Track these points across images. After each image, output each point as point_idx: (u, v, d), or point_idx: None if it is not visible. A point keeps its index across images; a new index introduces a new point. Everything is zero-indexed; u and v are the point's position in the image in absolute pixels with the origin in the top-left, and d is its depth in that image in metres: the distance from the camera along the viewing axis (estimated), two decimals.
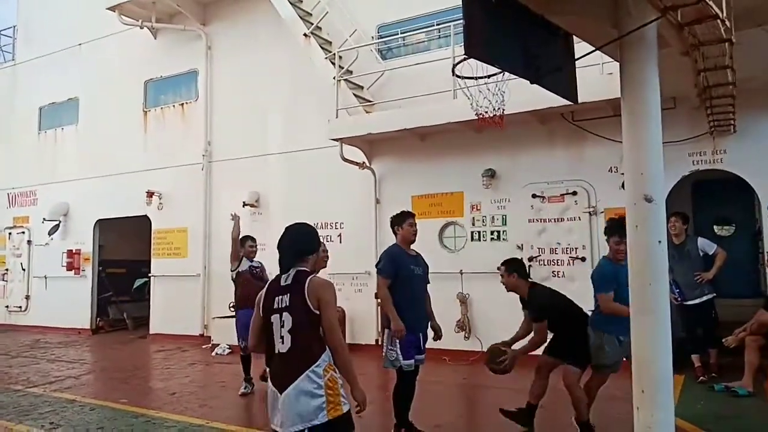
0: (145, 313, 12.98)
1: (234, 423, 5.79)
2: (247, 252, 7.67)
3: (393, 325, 5.12)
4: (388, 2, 10.26)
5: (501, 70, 4.04)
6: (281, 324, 3.18)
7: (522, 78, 3.91)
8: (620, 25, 3.66)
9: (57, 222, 14.08)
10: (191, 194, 12.11)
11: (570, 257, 8.34)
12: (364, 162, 9.96)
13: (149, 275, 12.82)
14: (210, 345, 10.63)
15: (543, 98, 5.54)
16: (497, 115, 4.62)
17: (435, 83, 8.48)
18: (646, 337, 3.60)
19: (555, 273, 8.40)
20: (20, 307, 14.81)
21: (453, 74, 4.52)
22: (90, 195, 13.70)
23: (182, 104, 12.73)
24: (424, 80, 8.84)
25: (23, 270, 14.86)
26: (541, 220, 8.57)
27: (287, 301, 3.20)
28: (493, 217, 8.98)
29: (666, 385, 3.56)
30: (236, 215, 7.79)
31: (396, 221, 5.58)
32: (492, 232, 8.96)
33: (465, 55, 3.55)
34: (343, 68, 9.68)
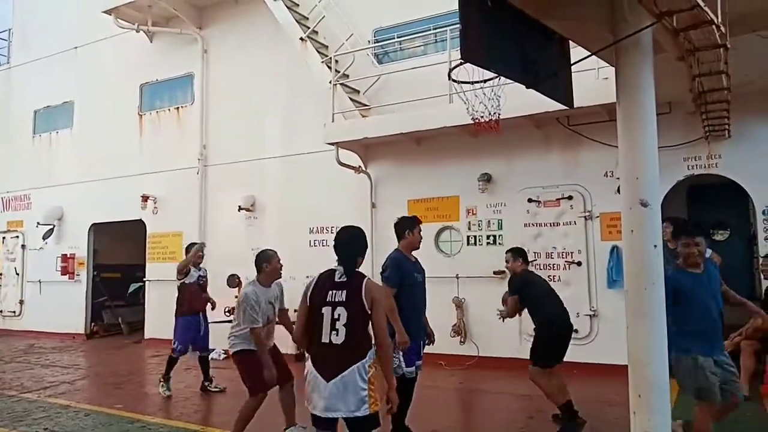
0: (140, 318, 12.91)
1: (230, 428, 5.75)
2: (192, 257, 7.99)
3: (399, 337, 4.95)
4: (385, 6, 10.27)
5: (497, 75, 4.05)
6: (335, 317, 3.47)
7: (518, 83, 3.93)
8: (616, 30, 3.68)
9: (51, 226, 14.01)
10: (186, 198, 12.08)
11: (566, 261, 8.34)
12: (360, 166, 9.95)
13: (144, 280, 12.76)
14: None
15: (539, 103, 5.55)
16: (493, 120, 4.63)
17: (431, 88, 8.49)
18: (642, 341, 3.61)
19: (551, 277, 8.37)
20: (14, 312, 14.71)
21: (449, 78, 4.53)
22: (85, 199, 13.65)
23: (178, 108, 12.70)
24: (420, 84, 8.84)
25: (17, 274, 14.76)
26: (537, 225, 8.58)
27: (343, 297, 3.51)
28: (489, 222, 8.98)
29: (662, 390, 3.57)
30: (203, 244, 8.48)
31: (407, 225, 5.50)
32: (488, 237, 8.96)
33: (461, 60, 3.57)
34: (340, 72, 9.68)
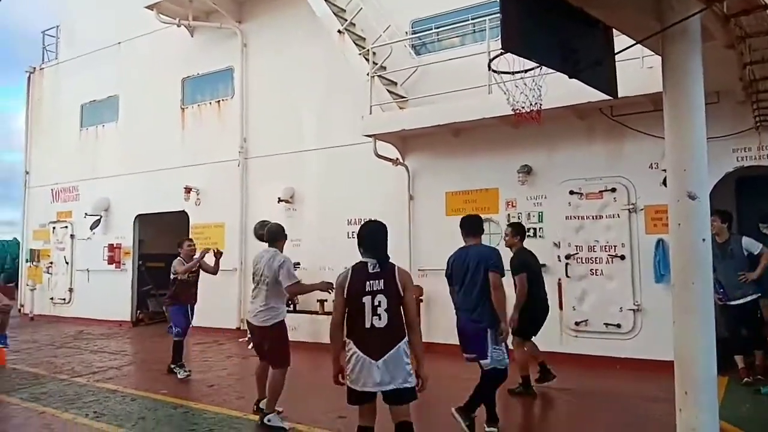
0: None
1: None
2: (186, 252, 8.44)
3: (504, 326, 5.37)
4: None
5: (538, 65, 3.98)
6: (376, 304, 3.87)
7: (560, 72, 3.85)
8: (662, 18, 3.57)
9: (98, 217, 14.46)
10: (228, 190, 12.29)
11: (609, 255, 8.18)
12: (398, 158, 9.94)
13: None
14: (246, 338, 10.75)
15: (581, 93, 5.44)
16: (534, 111, 4.55)
17: (469, 78, 8.40)
18: (689, 337, 3.52)
19: (593, 271, 8.26)
20: (64, 299, 15.26)
21: (489, 69, 4.47)
22: (130, 191, 14.04)
23: (218, 101, 12.91)
24: (459, 75, 8.77)
25: (67, 263, 15.29)
26: (579, 217, 8.43)
27: (381, 285, 3.90)
28: (529, 214, 8.86)
29: (710, 387, 3.48)
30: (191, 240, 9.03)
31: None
32: (528, 229, 8.82)
33: (502, 50, 3.52)
34: (377, 64, 9.67)
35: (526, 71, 4.21)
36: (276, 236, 5.96)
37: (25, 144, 17.24)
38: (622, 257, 8.08)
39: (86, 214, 14.55)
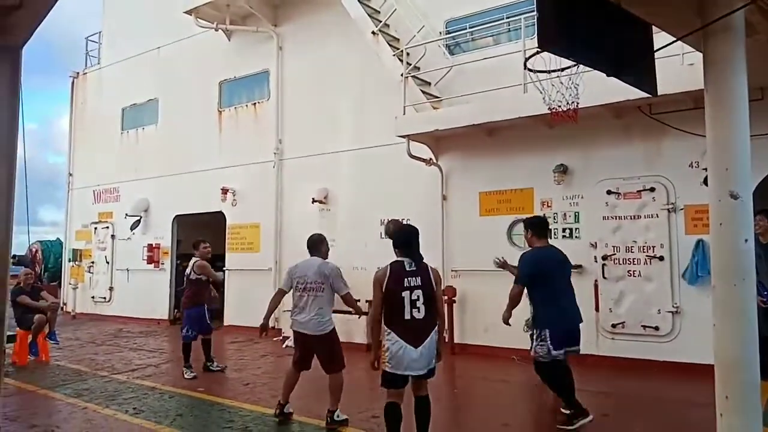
0: (220, 306, 13.43)
1: (305, 414, 5.92)
2: (203, 253, 8.53)
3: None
4: None
5: (575, 63, 3.94)
6: (415, 298, 4.44)
7: (598, 71, 3.80)
8: (704, 13, 3.49)
9: (138, 217, 14.83)
10: (263, 191, 12.46)
11: (647, 256, 8.02)
12: (431, 158, 9.93)
13: (224, 269, 13.26)
14: (281, 337, 10.89)
15: (618, 91, 5.37)
16: (571, 109, 4.50)
17: (504, 78, 8.36)
18: (731, 341, 3.44)
19: (630, 272, 8.10)
20: (104, 298, 15.68)
21: (525, 68, 4.45)
22: (169, 192, 14.36)
23: (254, 104, 13.10)
24: (493, 75, 8.72)
25: (107, 263, 15.72)
26: (617, 218, 8.28)
27: (419, 281, 4.49)
28: (565, 214, 8.75)
29: (753, 392, 3.39)
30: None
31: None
32: (564, 230, 8.74)
33: (538, 49, 3.49)
34: (411, 65, 9.68)
35: (563, 70, 4.17)
36: (316, 244, 5.96)
37: (69, 146, 17.77)
38: (661, 258, 7.91)
39: (126, 215, 14.93)
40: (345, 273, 5.95)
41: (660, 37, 4.14)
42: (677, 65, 6.70)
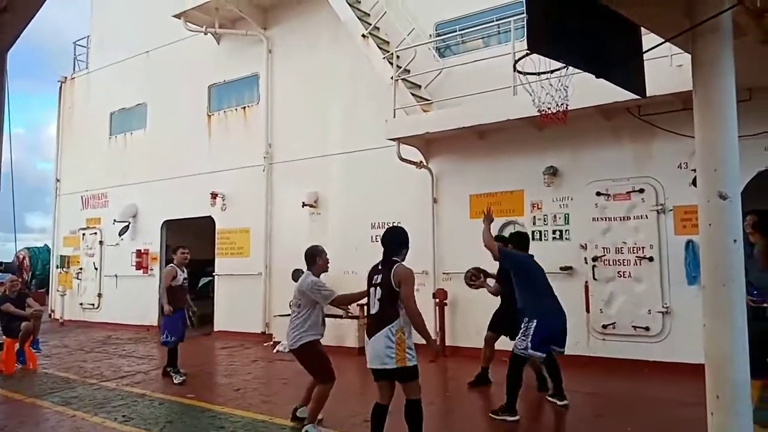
0: (210, 311, 13.35)
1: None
2: (180, 259, 8.48)
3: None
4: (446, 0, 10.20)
5: (565, 65, 3.95)
6: (377, 294, 4.59)
7: (587, 72, 3.80)
8: (692, 15, 3.51)
9: (127, 223, 14.70)
10: (253, 195, 12.41)
11: (637, 257, 8.06)
12: (422, 161, 9.93)
13: (213, 274, 13.20)
14: (271, 342, 10.85)
15: (608, 93, 5.38)
16: (560, 111, 4.51)
17: (494, 80, 8.38)
18: (721, 340, 3.44)
19: (621, 273, 8.14)
20: (93, 305, 15.54)
21: (514, 70, 4.47)
22: (157, 197, 14.26)
23: (244, 107, 13.05)
24: (483, 77, 8.75)
25: (96, 269, 15.57)
26: (606, 219, 8.32)
27: (380, 279, 4.60)
28: (555, 216, 8.78)
29: (742, 390, 3.39)
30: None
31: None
32: (554, 231, 8.76)
33: (527, 51, 3.49)
34: (401, 68, 9.68)
35: (552, 72, 4.17)
36: (309, 258, 5.78)
37: (56, 152, 17.62)
38: (651, 259, 7.95)
39: (115, 221, 14.82)
40: (336, 277, 5.93)
41: (649, 39, 4.17)
42: (666, 66, 6.74)
